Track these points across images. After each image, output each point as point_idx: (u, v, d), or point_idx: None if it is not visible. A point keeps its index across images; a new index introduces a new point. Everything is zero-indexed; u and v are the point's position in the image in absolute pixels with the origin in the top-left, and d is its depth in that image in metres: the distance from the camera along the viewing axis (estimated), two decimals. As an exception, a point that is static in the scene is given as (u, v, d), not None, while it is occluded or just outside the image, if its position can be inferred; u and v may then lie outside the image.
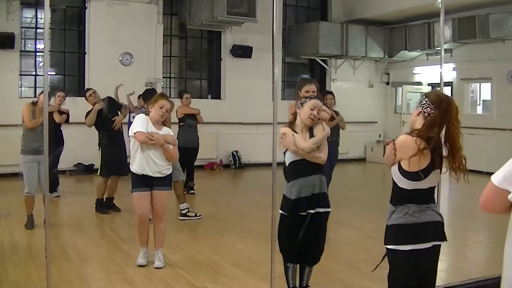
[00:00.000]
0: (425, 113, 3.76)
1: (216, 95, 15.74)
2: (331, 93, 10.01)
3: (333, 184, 8.56)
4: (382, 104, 17.99)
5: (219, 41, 15.89)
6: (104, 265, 6.34)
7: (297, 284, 5.21)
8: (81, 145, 11.79)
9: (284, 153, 5.03)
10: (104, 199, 9.35)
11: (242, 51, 15.54)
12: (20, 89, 13.46)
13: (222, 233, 8.10)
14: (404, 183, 3.77)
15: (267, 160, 4.89)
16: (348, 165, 15.87)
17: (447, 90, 15.94)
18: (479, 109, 15.86)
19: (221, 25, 14.95)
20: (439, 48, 6.44)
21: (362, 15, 16.36)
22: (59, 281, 5.61)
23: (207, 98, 15.60)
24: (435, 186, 3.90)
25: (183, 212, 8.81)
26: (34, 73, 13.70)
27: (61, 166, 11.44)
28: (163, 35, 14.88)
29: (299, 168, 4.96)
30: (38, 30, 13.64)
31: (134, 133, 6.05)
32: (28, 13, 13.79)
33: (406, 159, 3.70)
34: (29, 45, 14.01)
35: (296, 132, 4.99)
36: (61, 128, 10.36)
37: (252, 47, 15.51)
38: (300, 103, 5.05)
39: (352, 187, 12.84)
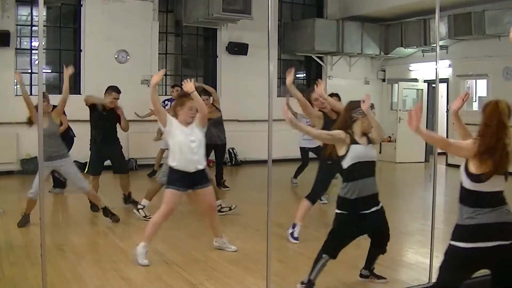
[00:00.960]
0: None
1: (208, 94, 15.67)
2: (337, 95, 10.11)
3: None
4: (378, 101, 17.95)
5: (214, 38, 15.87)
6: (100, 263, 6.34)
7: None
8: (77, 143, 11.73)
9: (343, 156, 5.21)
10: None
11: (238, 48, 15.54)
12: (15, 87, 13.41)
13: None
14: (467, 183, 3.99)
15: (264, 157, 4.88)
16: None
17: (443, 87, 16.00)
18: (475, 106, 15.86)
19: (217, 22, 14.93)
20: (435, 45, 6.43)
21: (358, 12, 16.35)
22: (55, 279, 5.60)
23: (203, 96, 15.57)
24: (501, 191, 4.02)
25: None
26: (29, 71, 13.65)
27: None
28: (159, 32, 14.86)
29: (359, 170, 5.19)
30: (34, 28, 13.62)
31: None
32: (24, 11, 13.75)
33: (470, 160, 3.95)
34: (25, 43, 13.97)
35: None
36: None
37: (248, 44, 15.51)
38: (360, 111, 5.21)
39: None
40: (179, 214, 8.83)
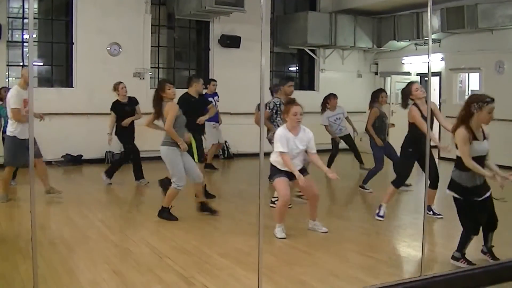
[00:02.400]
0: None
1: (205, 85, 15.61)
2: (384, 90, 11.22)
3: (321, 174, 8.56)
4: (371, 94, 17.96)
5: (207, 31, 15.82)
6: (92, 256, 6.33)
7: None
8: (69, 135, 11.75)
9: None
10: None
11: (231, 41, 15.50)
12: (7, 80, 13.36)
13: (211, 223, 8.10)
14: None
15: (256, 150, 4.88)
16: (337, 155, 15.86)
17: (435, 80, 16.02)
18: (467, 99, 15.89)
19: (209, 15, 14.89)
20: (428, 38, 6.44)
21: (351, 5, 16.31)
22: (46, 272, 5.59)
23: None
24: None
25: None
26: (21, 63, 13.57)
27: (48, 157, 11.41)
28: (151, 25, 14.80)
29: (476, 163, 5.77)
30: (25, 20, 13.54)
31: (280, 152, 7.01)
32: (15, 3, 13.67)
33: None
34: (17, 36, 13.90)
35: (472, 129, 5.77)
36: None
37: (240, 37, 15.48)
38: (478, 106, 5.72)
39: (340, 177, 12.84)
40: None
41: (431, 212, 8.26)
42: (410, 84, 8.22)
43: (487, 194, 5.92)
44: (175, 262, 6.07)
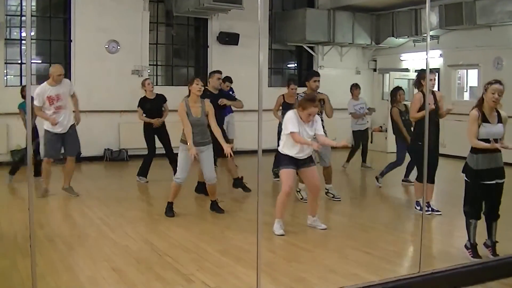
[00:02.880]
0: None
1: (203, 82, 15.58)
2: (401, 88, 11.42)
3: (321, 170, 8.57)
4: (369, 91, 17.97)
5: (205, 28, 15.80)
6: (91, 254, 6.33)
7: (476, 240, 6.20)
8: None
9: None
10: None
11: (229, 38, 15.48)
12: (5, 78, 13.35)
13: (210, 220, 8.11)
14: None
15: (255, 147, 4.87)
16: (336, 152, 15.80)
17: (434, 77, 15.99)
18: (466, 96, 15.92)
19: (208, 12, 14.86)
20: (426, 35, 6.44)
21: (349, 2, 16.25)
22: (45, 270, 5.59)
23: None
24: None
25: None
26: (20, 61, 13.57)
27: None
28: (150, 22, 14.78)
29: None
30: (23, 18, 13.49)
31: (289, 132, 7.10)
32: (13, 1, 13.64)
33: None
34: (15, 33, 13.89)
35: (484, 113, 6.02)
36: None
37: (239, 34, 15.46)
38: (485, 89, 6.02)
39: (339, 174, 12.87)
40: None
41: (430, 209, 8.25)
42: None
43: (497, 181, 6.05)
44: (175, 260, 6.08)
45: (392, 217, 8.71)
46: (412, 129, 8.90)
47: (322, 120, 8.10)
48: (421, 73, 8.47)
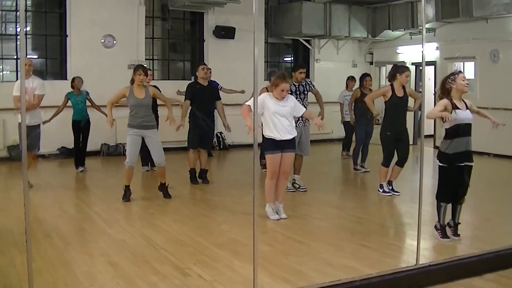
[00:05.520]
0: None
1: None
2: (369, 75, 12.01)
3: (317, 163, 8.57)
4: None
5: (201, 22, 15.77)
6: (88, 249, 6.33)
7: (446, 222, 6.64)
8: (65, 128, 11.68)
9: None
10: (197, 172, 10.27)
11: (225, 32, 15.46)
12: (1, 73, 13.32)
13: (206, 214, 8.11)
14: None
15: (251, 141, 4.87)
16: (333, 144, 15.90)
17: (430, 70, 16.01)
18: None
19: (204, 6, 14.84)
20: (422, 28, 6.44)
21: (345, -5, 16.29)
22: (42, 265, 5.59)
23: (191, 80, 15.46)
24: None
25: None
26: (16, 56, 13.51)
27: (44, 150, 11.40)
28: (146, 16, 14.73)
29: (458, 130, 6.37)
30: (19, 13, 13.44)
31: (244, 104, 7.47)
32: (8, -4, 13.61)
33: None
34: (10, 29, 13.84)
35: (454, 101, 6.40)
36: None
37: (235, 28, 15.43)
38: (452, 79, 6.44)
39: (335, 167, 12.88)
40: (165, 199, 8.85)
41: (391, 188, 8.95)
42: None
43: (467, 163, 6.46)
44: (171, 254, 6.07)
45: (389, 209, 8.72)
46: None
47: (305, 107, 8.53)
48: (396, 68, 9.18)
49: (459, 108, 6.40)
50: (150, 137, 8.69)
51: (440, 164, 6.52)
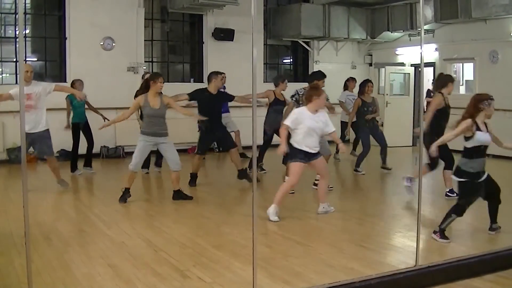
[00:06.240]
0: None
1: (199, 78, 15.59)
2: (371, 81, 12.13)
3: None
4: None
5: (201, 24, 15.78)
6: (87, 250, 6.32)
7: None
8: (64, 131, 11.65)
9: (468, 138, 6.55)
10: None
11: (224, 34, 15.46)
12: (1, 76, 13.31)
13: (206, 216, 8.11)
14: None
15: (250, 143, 4.87)
16: (332, 146, 15.86)
17: (429, 71, 16.01)
18: (462, 89, 15.91)
19: (203, 8, 14.85)
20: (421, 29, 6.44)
21: (344, -4, 16.29)
22: (41, 267, 5.59)
23: (190, 82, 15.49)
24: None
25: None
26: (15, 59, 13.51)
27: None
28: (145, 19, 14.73)
29: (478, 152, 6.56)
30: (18, 16, 13.44)
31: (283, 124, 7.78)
32: (8, -1, 13.62)
33: None
34: (10, 31, 13.85)
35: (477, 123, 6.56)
36: None
37: (234, 30, 15.44)
38: (488, 103, 6.61)
39: (336, 168, 12.87)
40: (165, 200, 8.85)
41: (455, 194, 8.34)
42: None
43: (485, 176, 6.64)
44: (170, 255, 6.07)
45: (388, 210, 8.72)
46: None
47: None
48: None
49: (481, 130, 6.56)
50: (164, 143, 8.74)
51: (460, 180, 6.64)
